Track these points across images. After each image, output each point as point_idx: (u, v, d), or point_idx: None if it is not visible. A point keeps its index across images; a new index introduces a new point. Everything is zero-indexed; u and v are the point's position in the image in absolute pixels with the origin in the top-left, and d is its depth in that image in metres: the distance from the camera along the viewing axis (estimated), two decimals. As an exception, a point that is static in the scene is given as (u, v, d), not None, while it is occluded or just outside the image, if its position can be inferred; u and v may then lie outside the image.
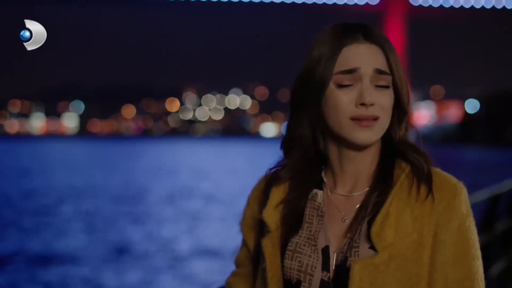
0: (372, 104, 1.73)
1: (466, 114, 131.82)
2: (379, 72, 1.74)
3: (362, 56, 1.75)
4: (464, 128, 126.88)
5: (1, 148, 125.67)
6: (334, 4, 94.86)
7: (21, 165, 62.92)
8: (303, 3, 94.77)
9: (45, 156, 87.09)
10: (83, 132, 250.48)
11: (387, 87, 1.75)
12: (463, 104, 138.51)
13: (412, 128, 1.83)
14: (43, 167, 59.77)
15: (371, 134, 1.75)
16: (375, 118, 1.74)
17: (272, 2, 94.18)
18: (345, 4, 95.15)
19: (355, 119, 1.74)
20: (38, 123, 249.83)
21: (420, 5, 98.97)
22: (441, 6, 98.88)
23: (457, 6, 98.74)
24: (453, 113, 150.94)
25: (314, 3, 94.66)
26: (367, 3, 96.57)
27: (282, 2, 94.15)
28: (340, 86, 1.75)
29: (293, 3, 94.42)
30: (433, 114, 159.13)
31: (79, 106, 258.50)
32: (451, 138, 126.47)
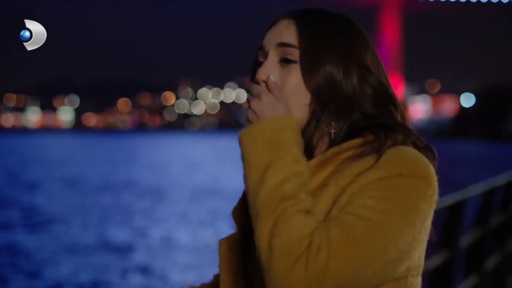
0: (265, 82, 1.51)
1: (462, 108, 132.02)
2: (281, 45, 1.51)
3: (271, 32, 1.55)
4: (459, 122, 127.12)
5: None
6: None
7: (16, 158, 62.89)
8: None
9: (40, 150, 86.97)
10: (79, 126, 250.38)
11: (295, 62, 1.50)
12: (459, 98, 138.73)
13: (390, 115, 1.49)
14: (38, 160, 59.70)
15: None
16: None
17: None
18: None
19: None
20: (33, 117, 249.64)
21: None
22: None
23: None
24: (448, 107, 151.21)
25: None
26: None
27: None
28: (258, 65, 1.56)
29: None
30: (429, 108, 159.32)
31: (75, 100, 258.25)
32: (446, 132, 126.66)
